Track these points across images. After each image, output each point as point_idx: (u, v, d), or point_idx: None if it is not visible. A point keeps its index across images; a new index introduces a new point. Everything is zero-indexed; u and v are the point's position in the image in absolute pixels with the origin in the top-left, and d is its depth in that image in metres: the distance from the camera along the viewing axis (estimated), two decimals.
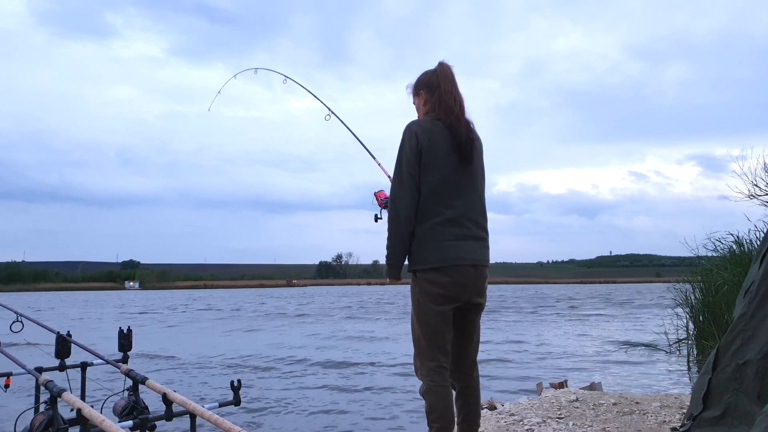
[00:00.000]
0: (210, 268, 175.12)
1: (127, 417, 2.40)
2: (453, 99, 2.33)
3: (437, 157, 2.27)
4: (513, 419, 3.73)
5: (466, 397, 2.45)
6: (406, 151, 2.29)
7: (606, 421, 3.59)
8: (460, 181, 2.30)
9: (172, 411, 2.12)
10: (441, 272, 2.25)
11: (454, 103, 2.33)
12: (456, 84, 2.38)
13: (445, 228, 2.27)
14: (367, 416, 5.73)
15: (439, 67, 2.41)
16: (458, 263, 2.25)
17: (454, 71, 2.40)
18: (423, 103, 2.44)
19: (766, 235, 2.53)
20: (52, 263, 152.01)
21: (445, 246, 2.26)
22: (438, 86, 2.37)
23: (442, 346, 2.31)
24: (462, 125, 2.31)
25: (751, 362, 2.30)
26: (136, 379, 2.47)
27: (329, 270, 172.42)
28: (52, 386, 2.04)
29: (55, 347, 2.83)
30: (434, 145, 2.27)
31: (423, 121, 2.35)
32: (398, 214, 2.27)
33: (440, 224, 2.27)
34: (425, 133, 2.28)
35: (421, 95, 2.45)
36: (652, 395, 4.70)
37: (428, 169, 2.27)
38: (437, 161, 2.27)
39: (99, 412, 1.83)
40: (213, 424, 1.75)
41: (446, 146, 2.27)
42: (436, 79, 2.38)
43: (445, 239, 2.26)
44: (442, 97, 2.34)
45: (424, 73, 2.45)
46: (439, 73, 2.39)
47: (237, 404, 2.28)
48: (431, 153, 2.27)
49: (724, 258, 7.76)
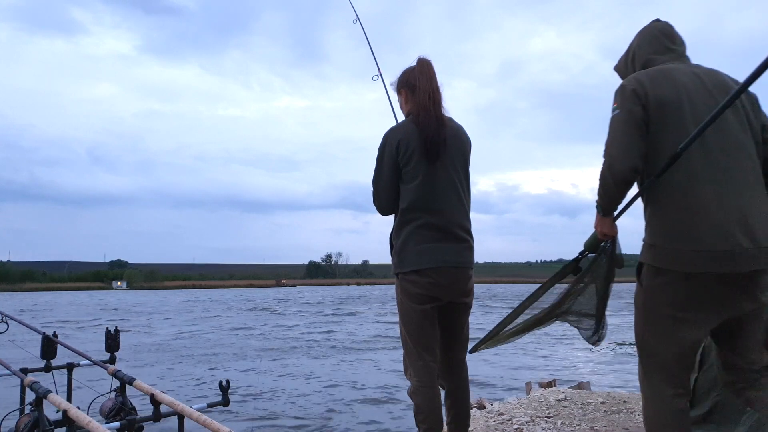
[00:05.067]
0: (198, 267, 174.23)
1: (114, 418, 2.37)
2: (428, 96, 2.33)
3: (412, 161, 2.28)
4: (502, 418, 3.75)
5: (455, 397, 2.45)
6: (381, 161, 2.35)
7: (594, 420, 3.61)
8: (439, 183, 2.30)
9: (159, 412, 2.10)
10: (421, 274, 2.25)
11: (429, 100, 2.32)
12: (433, 79, 2.36)
13: (426, 231, 2.28)
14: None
15: (417, 64, 2.40)
16: (438, 265, 2.25)
17: (432, 65, 2.39)
18: (405, 101, 2.45)
19: None
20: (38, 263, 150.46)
21: (424, 249, 2.26)
22: (416, 84, 2.37)
23: (427, 346, 2.31)
24: (432, 121, 2.30)
25: None
26: (123, 380, 2.45)
27: (318, 270, 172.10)
28: (37, 387, 2.02)
29: (40, 348, 2.79)
30: (408, 150, 2.29)
31: (398, 127, 2.37)
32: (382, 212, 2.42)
33: (420, 227, 2.28)
34: (401, 141, 2.30)
35: (402, 93, 2.46)
36: (639, 394, 4.73)
37: (408, 175, 2.29)
38: (413, 165, 2.29)
39: (85, 414, 1.81)
40: (201, 425, 1.74)
41: (420, 148, 2.28)
42: (415, 77, 2.38)
43: (426, 242, 2.27)
44: (417, 96, 2.35)
45: (404, 71, 2.45)
46: (417, 71, 2.39)
47: (226, 405, 2.27)
48: (406, 158, 2.29)
49: None
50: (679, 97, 1.83)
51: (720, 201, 1.74)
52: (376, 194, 2.40)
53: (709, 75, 1.90)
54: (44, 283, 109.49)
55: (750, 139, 1.83)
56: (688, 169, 1.77)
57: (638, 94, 1.85)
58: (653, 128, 1.84)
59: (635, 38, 2.10)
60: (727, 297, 1.78)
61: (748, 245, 1.72)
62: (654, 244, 1.85)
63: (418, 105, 2.34)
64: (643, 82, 1.88)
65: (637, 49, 2.07)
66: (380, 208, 2.41)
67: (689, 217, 1.76)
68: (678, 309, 1.82)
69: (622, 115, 1.85)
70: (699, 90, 1.85)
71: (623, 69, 2.15)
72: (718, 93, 1.83)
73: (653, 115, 1.83)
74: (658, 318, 1.87)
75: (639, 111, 1.83)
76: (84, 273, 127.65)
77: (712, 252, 1.73)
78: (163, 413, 2.10)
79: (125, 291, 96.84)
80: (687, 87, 1.85)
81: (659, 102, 1.83)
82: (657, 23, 2.07)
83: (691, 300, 1.80)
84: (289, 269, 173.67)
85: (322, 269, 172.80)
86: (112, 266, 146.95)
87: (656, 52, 2.01)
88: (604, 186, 1.88)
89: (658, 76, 1.89)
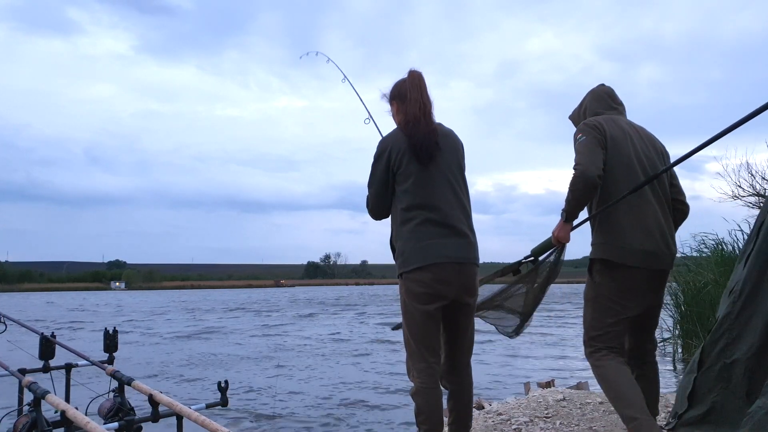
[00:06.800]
0: (197, 268, 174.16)
1: (112, 419, 2.37)
2: (419, 107, 2.43)
3: (404, 163, 2.36)
4: (501, 419, 3.75)
5: (457, 398, 2.45)
6: (374, 165, 2.45)
7: (593, 420, 3.61)
8: (434, 181, 2.36)
9: (158, 412, 2.10)
10: (424, 270, 2.27)
11: (420, 110, 2.43)
12: (424, 90, 2.47)
13: (427, 228, 2.31)
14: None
15: (408, 77, 2.51)
16: (440, 261, 2.28)
17: (424, 77, 2.50)
18: (396, 112, 2.55)
19: (750, 235, 2.56)
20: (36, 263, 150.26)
21: (426, 245, 2.29)
22: (406, 96, 2.47)
23: (430, 347, 2.32)
24: (421, 129, 2.38)
25: (740, 361, 2.33)
26: (121, 380, 2.44)
27: (317, 270, 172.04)
28: (35, 388, 2.01)
29: (39, 348, 2.79)
30: (400, 152, 2.37)
31: (390, 134, 2.48)
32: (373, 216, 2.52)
33: (421, 224, 2.32)
34: (393, 145, 2.40)
35: (393, 105, 2.56)
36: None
37: (401, 177, 2.37)
38: (404, 167, 2.36)
39: (84, 414, 1.81)
40: (200, 425, 1.74)
41: (410, 150, 2.36)
42: (405, 89, 2.48)
43: (427, 238, 2.30)
44: (408, 106, 2.45)
45: (396, 83, 2.56)
46: (408, 83, 2.49)
47: (224, 405, 2.27)
48: (398, 161, 2.37)
49: (708, 258, 7.84)
50: (625, 137, 2.55)
51: (654, 217, 2.49)
52: (369, 197, 2.48)
53: (640, 128, 2.70)
54: (42, 284, 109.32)
55: (666, 182, 2.63)
56: (639, 193, 2.49)
57: (598, 128, 2.52)
58: (607, 155, 2.49)
59: (587, 97, 2.79)
60: (648, 289, 2.53)
61: (665, 249, 2.50)
62: (605, 242, 2.51)
63: (408, 115, 2.43)
64: (601, 122, 2.56)
65: (588, 105, 2.76)
66: (372, 210, 2.49)
67: (635, 225, 2.46)
68: (619, 295, 2.49)
69: (589, 139, 2.49)
70: (635, 136, 2.61)
71: (576, 118, 2.83)
72: (647, 140, 2.65)
73: (609, 145, 2.50)
74: (603, 303, 2.53)
75: (601, 138, 2.50)
76: (82, 273, 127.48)
77: (647, 252, 2.45)
78: (161, 413, 2.10)
79: (124, 291, 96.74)
80: (629, 132, 2.59)
81: (612, 138, 2.52)
82: (603, 87, 2.79)
83: (628, 289, 2.49)
84: (287, 269, 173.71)
85: (320, 269, 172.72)
86: (110, 266, 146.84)
87: (602, 107, 2.71)
88: (575, 191, 2.42)
89: (610, 120, 2.59)
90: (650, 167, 2.55)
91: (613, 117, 2.62)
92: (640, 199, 2.48)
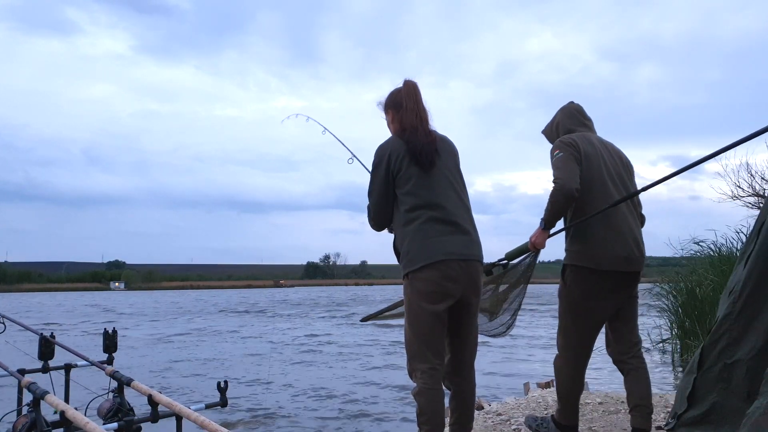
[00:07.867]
0: (196, 268, 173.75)
1: (112, 419, 2.37)
2: (415, 115, 2.48)
3: (403, 166, 2.39)
4: (500, 419, 3.75)
5: (460, 399, 2.46)
6: (374, 173, 2.47)
7: (592, 420, 3.61)
8: (435, 181, 2.39)
9: (157, 413, 2.10)
10: (431, 268, 2.28)
11: (416, 119, 2.48)
12: (419, 99, 2.53)
13: (431, 225, 2.33)
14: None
15: (403, 86, 2.56)
16: (447, 258, 2.28)
17: (418, 87, 2.55)
18: (391, 121, 2.59)
19: (749, 235, 2.56)
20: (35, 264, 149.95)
21: (432, 243, 2.30)
22: (402, 104, 2.51)
23: (434, 348, 2.31)
24: (419, 135, 2.43)
25: (741, 362, 2.32)
26: (121, 380, 2.44)
27: (317, 270, 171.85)
28: (35, 388, 2.01)
29: (38, 349, 2.79)
30: (399, 156, 2.40)
31: (388, 141, 2.51)
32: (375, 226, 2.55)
33: (424, 222, 2.33)
34: (392, 151, 2.43)
35: (389, 113, 2.60)
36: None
37: (402, 180, 2.40)
38: (406, 171, 2.39)
39: (83, 415, 1.81)
40: (199, 425, 1.73)
41: (408, 158, 2.40)
42: (401, 98, 2.53)
43: (432, 236, 2.31)
44: (404, 116, 2.49)
45: (391, 93, 2.61)
46: (403, 92, 2.54)
47: (224, 405, 2.26)
48: (398, 165, 2.40)
49: (707, 258, 7.84)
50: (597, 153, 2.77)
51: (626, 225, 2.73)
52: (370, 206, 2.50)
53: (608, 143, 2.91)
54: (42, 284, 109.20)
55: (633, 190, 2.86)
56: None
57: (574, 145, 2.72)
58: (582, 170, 2.68)
59: (558, 114, 2.99)
60: (620, 289, 2.74)
61: (637, 254, 2.73)
62: (579, 250, 2.73)
63: (405, 123, 2.48)
64: (575, 139, 2.76)
65: (561, 121, 2.95)
66: (374, 219, 2.51)
67: (607, 233, 2.68)
68: (591, 298, 2.72)
69: (566, 155, 2.68)
70: (605, 152, 2.83)
71: (549, 133, 3.02)
72: (615, 155, 2.88)
73: (583, 161, 2.70)
74: (576, 305, 2.77)
75: (576, 155, 2.69)
76: (82, 273, 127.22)
77: (620, 257, 2.67)
78: (161, 414, 2.10)
79: (123, 291, 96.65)
80: (599, 148, 2.80)
81: (586, 154, 2.72)
82: (573, 104, 2.99)
83: (600, 290, 2.70)
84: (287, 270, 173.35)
85: (320, 270, 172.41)
86: (109, 267, 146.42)
87: (574, 124, 2.91)
88: (554, 203, 2.62)
89: (583, 138, 2.80)
90: (619, 180, 2.79)
91: (585, 134, 2.84)
92: (613, 209, 2.69)
